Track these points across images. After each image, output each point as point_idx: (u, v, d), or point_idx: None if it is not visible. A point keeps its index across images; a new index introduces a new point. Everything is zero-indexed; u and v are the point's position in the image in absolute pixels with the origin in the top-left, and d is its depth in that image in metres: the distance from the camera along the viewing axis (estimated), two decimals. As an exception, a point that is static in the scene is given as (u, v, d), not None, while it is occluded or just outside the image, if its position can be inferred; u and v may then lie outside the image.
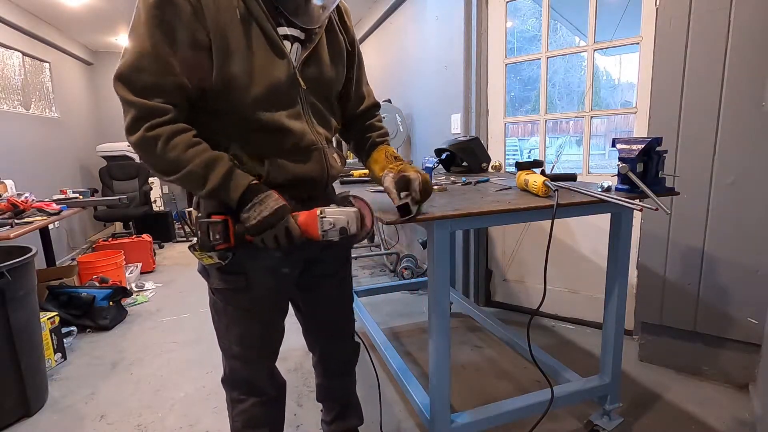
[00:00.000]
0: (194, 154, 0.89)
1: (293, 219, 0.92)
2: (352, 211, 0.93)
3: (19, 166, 3.68)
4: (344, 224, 0.92)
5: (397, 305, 2.87)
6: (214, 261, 0.96)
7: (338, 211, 0.92)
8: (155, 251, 4.49)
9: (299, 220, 0.93)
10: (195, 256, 0.98)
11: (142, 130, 0.85)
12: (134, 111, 0.85)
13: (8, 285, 1.69)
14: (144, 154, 0.88)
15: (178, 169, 0.88)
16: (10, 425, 1.78)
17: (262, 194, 0.91)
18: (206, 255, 0.95)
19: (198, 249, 0.94)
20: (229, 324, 1.07)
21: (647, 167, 1.27)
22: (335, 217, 0.92)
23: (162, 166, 0.89)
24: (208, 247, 0.92)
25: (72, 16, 4.28)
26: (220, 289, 1.04)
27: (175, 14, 0.84)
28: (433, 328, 1.20)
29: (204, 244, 0.92)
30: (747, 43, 1.60)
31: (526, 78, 7.08)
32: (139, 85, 0.85)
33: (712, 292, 1.80)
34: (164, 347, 2.44)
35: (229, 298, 1.04)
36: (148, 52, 0.84)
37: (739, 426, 1.57)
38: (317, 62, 1.01)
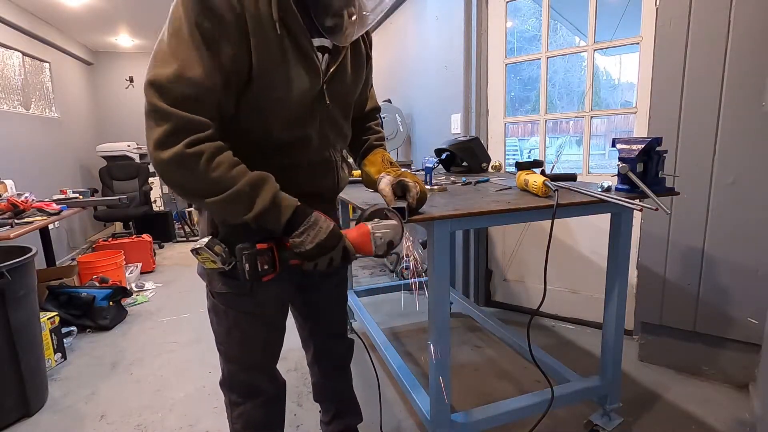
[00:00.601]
0: (239, 174, 0.81)
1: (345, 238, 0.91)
2: (395, 224, 0.94)
3: (19, 166, 3.68)
4: (392, 237, 0.93)
5: (397, 305, 2.87)
6: (217, 266, 0.93)
7: (384, 225, 0.93)
8: (155, 251, 4.49)
9: (350, 238, 0.92)
10: (198, 260, 0.95)
11: (182, 146, 0.76)
12: (170, 123, 0.76)
13: (8, 285, 1.69)
14: (180, 173, 0.79)
15: (222, 190, 0.80)
16: (10, 425, 1.78)
17: (311, 216, 0.87)
18: (210, 259, 0.92)
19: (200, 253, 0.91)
20: (231, 328, 1.05)
21: (647, 167, 1.27)
22: (383, 231, 0.92)
23: (203, 187, 0.80)
24: (256, 278, 0.87)
25: (72, 16, 4.28)
26: (223, 293, 1.01)
27: (219, 24, 0.78)
28: (433, 328, 1.20)
29: (253, 276, 0.87)
30: (747, 43, 1.60)
31: (526, 78, 7.07)
32: (178, 95, 0.76)
33: (712, 292, 1.80)
34: (164, 347, 2.44)
35: (232, 301, 1.02)
36: (191, 61, 0.77)
37: (739, 426, 1.57)
38: (342, 75, 0.99)
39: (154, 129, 0.77)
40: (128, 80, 6.00)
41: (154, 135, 0.77)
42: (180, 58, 0.77)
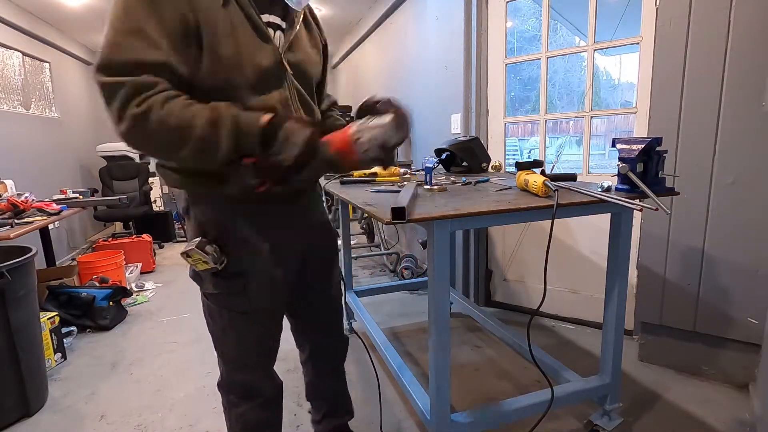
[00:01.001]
0: (195, 113, 0.79)
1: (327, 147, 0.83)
2: (387, 120, 0.81)
3: (19, 166, 3.68)
4: (384, 138, 0.81)
5: (397, 305, 2.87)
6: (209, 266, 0.93)
7: (372, 125, 0.81)
8: (155, 251, 4.49)
9: (333, 148, 0.82)
10: (189, 263, 0.95)
11: (132, 108, 0.75)
12: (120, 94, 0.76)
13: (8, 285, 1.69)
14: (140, 138, 0.78)
15: (184, 137, 0.78)
16: (10, 425, 1.78)
17: (284, 129, 0.81)
18: (201, 260, 0.91)
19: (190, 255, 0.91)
20: (226, 328, 1.05)
21: (647, 167, 1.27)
22: (371, 133, 0.80)
23: (164, 141, 0.79)
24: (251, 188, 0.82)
25: (72, 16, 4.28)
26: (215, 294, 1.01)
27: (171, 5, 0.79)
28: (433, 328, 1.20)
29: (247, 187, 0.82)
30: (747, 43, 1.60)
31: (526, 78, 7.08)
32: (119, 63, 0.76)
33: (712, 292, 1.80)
34: (164, 347, 2.44)
35: (224, 302, 1.02)
36: (130, 28, 0.77)
37: (739, 426, 1.57)
38: (300, 48, 1.01)
39: (110, 109, 0.78)
40: (128, 80, 6.00)
41: (113, 114, 0.77)
42: (119, 27, 0.77)
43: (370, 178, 1.85)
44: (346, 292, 2.46)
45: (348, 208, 2.86)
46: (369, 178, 1.85)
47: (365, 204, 1.26)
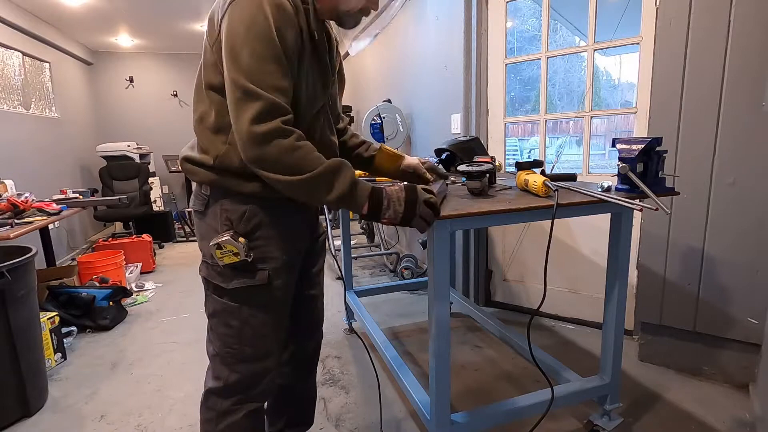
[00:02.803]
0: (320, 158, 0.91)
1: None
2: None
3: (19, 166, 3.68)
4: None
5: (397, 305, 2.87)
6: (239, 258, 0.98)
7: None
8: (155, 251, 4.49)
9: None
10: (217, 255, 0.99)
11: (278, 121, 0.86)
12: (261, 103, 0.86)
13: (8, 285, 1.69)
14: (275, 146, 0.87)
15: (304, 170, 0.88)
16: (10, 425, 1.78)
17: (385, 195, 0.96)
18: (233, 252, 0.97)
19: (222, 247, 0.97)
20: (243, 326, 1.05)
21: (647, 167, 1.27)
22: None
23: (291, 163, 0.88)
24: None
25: (72, 16, 4.28)
26: (238, 289, 1.03)
27: (288, 24, 0.90)
28: (433, 328, 1.20)
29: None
30: (747, 43, 1.60)
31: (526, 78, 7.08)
32: (267, 84, 0.87)
33: (712, 292, 1.80)
34: (164, 347, 2.44)
35: (246, 297, 1.04)
36: (271, 55, 0.88)
37: (739, 426, 1.57)
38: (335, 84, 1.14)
39: (249, 107, 0.86)
40: (128, 80, 6.00)
41: (249, 112, 0.86)
42: (263, 53, 0.87)
43: (370, 178, 1.85)
44: (346, 292, 2.46)
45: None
46: (369, 178, 1.85)
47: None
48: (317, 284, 1.32)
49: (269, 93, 0.87)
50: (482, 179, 1.31)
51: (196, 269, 3.99)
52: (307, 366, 1.38)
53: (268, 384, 1.13)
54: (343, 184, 0.92)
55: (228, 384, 1.10)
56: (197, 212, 1.08)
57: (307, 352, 1.36)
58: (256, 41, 0.87)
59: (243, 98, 0.87)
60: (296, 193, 0.92)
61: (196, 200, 1.07)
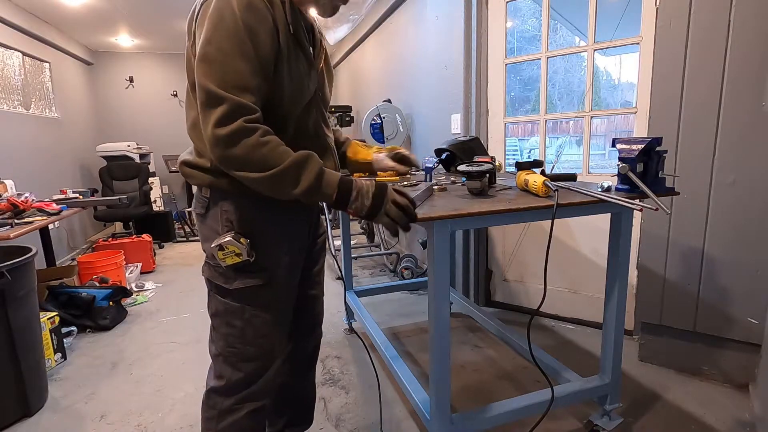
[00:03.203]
0: (285, 153, 0.90)
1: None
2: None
3: (19, 166, 3.68)
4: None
5: (397, 305, 2.87)
6: (241, 259, 0.99)
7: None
8: (155, 251, 4.49)
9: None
10: (219, 257, 0.99)
11: (240, 121, 0.86)
12: (226, 106, 0.86)
13: (8, 285, 1.69)
14: (239, 146, 0.87)
15: (272, 166, 0.89)
16: (10, 425, 1.78)
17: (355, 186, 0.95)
18: (235, 252, 0.98)
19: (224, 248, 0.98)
20: (245, 326, 1.06)
21: (647, 167, 1.27)
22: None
23: (253, 161, 0.88)
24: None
25: (72, 16, 4.28)
26: (240, 290, 1.03)
27: (259, 21, 0.89)
28: (433, 328, 1.20)
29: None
30: (747, 43, 1.60)
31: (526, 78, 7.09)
32: (230, 84, 0.87)
33: (712, 292, 1.80)
34: (164, 347, 2.44)
35: (248, 297, 1.04)
36: (238, 53, 0.87)
37: (739, 426, 1.57)
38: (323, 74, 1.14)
39: (212, 112, 0.86)
40: (128, 80, 6.00)
41: (214, 116, 0.86)
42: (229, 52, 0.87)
43: (369, 178, 1.85)
44: (346, 292, 2.46)
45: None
46: (369, 178, 1.85)
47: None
48: (317, 284, 1.33)
49: (233, 94, 0.87)
50: (482, 179, 1.31)
51: (196, 269, 4.02)
52: (306, 364, 1.39)
53: (269, 383, 1.14)
54: (309, 176, 0.91)
55: (230, 383, 1.10)
56: (198, 215, 1.09)
57: (306, 351, 1.37)
58: (224, 40, 0.87)
59: (207, 102, 0.87)
60: (264, 189, 0.92)
61: (197, 203, 1.08)
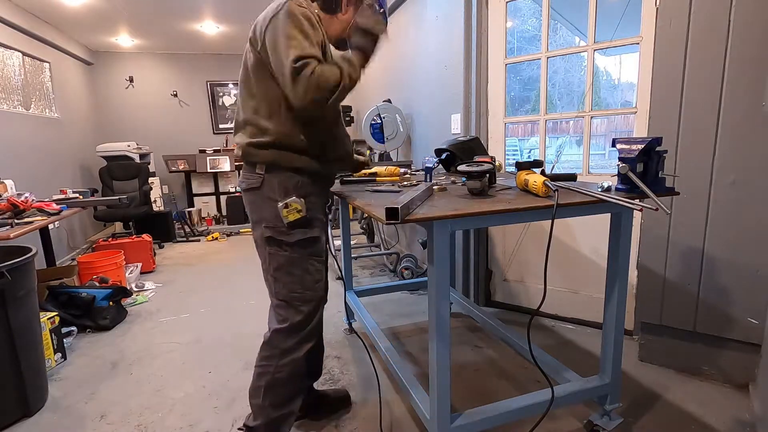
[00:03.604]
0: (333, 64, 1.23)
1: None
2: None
3: (19, 166, 3.68)
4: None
5: (397, 305, 2.87)
6: (300, 215, 1.29)
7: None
8: (155, 251, 4.49)
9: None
10: (283, 214, 1.28)
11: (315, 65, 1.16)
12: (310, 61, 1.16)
13: (8, 285, 1.69)
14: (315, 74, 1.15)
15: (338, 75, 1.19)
16: (10, 425, 1.78)
17: (360, 36, 1.31)
18: (297, 209, 1.28)
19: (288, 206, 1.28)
20: (303, 274, 1.34)
21: (647, 167, 1.27)
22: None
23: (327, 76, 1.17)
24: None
25: (72, 16, 4.28)
26: (299, 241, 1.32)
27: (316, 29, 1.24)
28: (433, 328, 1.20)
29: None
30: (747, 43, 1.60)
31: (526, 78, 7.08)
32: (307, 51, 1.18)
33: (712, 292, 1.80)
34: (164, 347, 2.44)
35: (305, 246, 1.34)
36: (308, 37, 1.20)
37: (739, 426, 1.57)
38: None
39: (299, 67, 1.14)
40: (128, 80, 6.00)
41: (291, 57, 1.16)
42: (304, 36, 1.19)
43: (370, 178, 1.85)
44: (346, 292, 2.46)
45: (348, 207, 2.86)
46: (369, 178, 1.85)
47: (365, 204, 1.27)
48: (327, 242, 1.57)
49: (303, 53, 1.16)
50: (482, 179, 1.31)
51: (196, 269, 4.02)
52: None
53: (320, 323, 1.43)
54: (354, 60, 1.26)
55: (293, 324, 1.34)
56: (252, 189, 1.34)
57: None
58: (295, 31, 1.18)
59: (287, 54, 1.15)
60: (346, 90, 1.23)
61: (250, 179, 1.34)
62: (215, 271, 3.91)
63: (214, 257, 4.43)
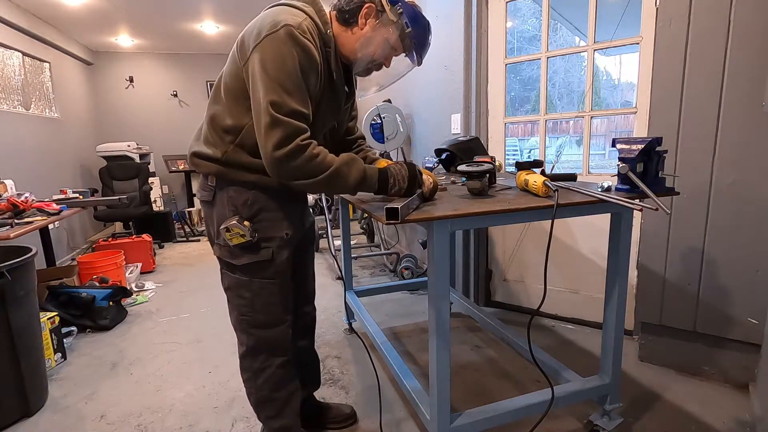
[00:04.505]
0: (333, 159, 1.11)
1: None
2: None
3: (19, 166, 3.68)
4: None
5: (397, 305, 2.87)
6: (245, 239, 1.16)
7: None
8: (155, 251, 4.49)
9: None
10: (226, 237, 1.17)
11: (297, 141, 1.05)
12: (285, 129, 1.04)
13: (8, 285, 1.69)
14: (294, 162, 1.06)
15: (324, 170, 1.09)
16: (10, 425, 1.78)
17: (390, 174, 1.20)
18: (240, 234, 1.15)
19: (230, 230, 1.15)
20: (254, 297, 1.24)
21: (647, 167, 1.27)
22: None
23: (310, 170, 1.08)
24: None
25: (72, 16, 4.28)
26: (248, 265, 1.21)
27: (312, 67, 1.10)
28: (433, 328, 1.20)
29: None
30: (747, 43, 1.60)
31: (526, 78, 7.09)
32: (287, 110, 1.05)
33: (712, 292, 1.80)
34: (164, 347, 2.44)
35: (256, 271, 1.22)
36: (296, 88, 1.06)
37: (739, 426, 1.57)
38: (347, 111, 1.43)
39: (271, 135, 1.04)
40: (128, 80, 6.00)
41: (273, 139, 1.04)
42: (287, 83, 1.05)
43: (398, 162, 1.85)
44: (346, 292, 2.46)
45: (348, 208, 2.86)
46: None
47: (365, 204, 1.27)
48: (309, 260, 1.53)
49: (290, 118, 1.04)
50: (482, 179, 1.31)
51: (196, 269, 4.02)
52: (306, 328, 1.56)
53: (285, 341, 1.33)
54: (355, 174, 1.14)
55: (249, 347, 1.30)
56: (205, 202, 1.24)
57: (305, 319, 1.55)
58: (284, 76, 1.05)
59: (269, 125, 1.03)
60: (322, 190, 1.14)
61: (203, 191, 1.24)
62: (215, 271, 3.89)
63: (214, 257, 4.42)
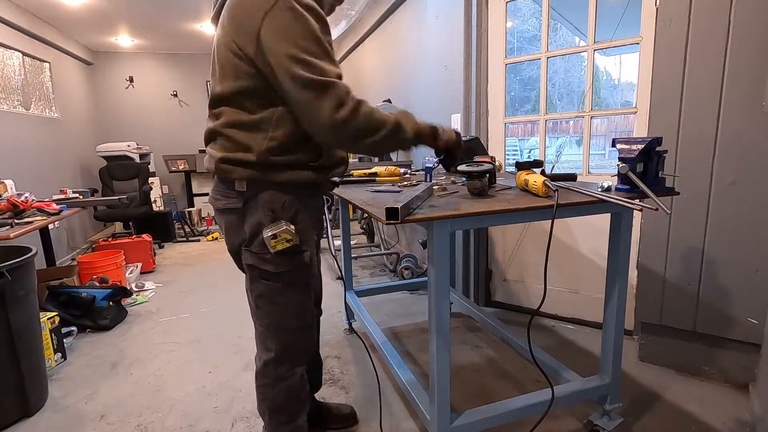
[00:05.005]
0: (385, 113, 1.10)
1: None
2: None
3: (19, 166, 3.68)
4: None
5: (397, 305, 2.87)
6: (291, 244, 1.10)
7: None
8: (155, 251, 4.49)
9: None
10: (271, 245, 1.09)
11: (353, 97, 1.04)
12: (336, 90, 1.01)
13: (8, 285, 1.69)
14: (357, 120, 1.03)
15: (386, 122, 1.09)
16: (10, 425, 1.78)
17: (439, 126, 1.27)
18: (287, 239, 1.09)
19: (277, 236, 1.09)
20: (288, 303, 1.21)
21: (647, 167, 1.27)
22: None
23: (374, 124, 1.07)
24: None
25: (72, 16, 4.28)
26: (285, 272, 1.16)
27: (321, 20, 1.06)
28: (433, 328, 1.20)
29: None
30: (747, 43, 1.60)
31: (526, 78, 7.09)
32: (330, 73, 1.03)
33: (712, 292, 1.80)
34: (164, 347, 2.44)
35: (292, 276, 1.18)
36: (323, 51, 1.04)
37: (739, 426, 1.57)
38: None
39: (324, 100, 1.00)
40: (128, 80, 6.00)
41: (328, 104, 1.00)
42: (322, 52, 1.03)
43: (370, 178, 1.85)
44: (346, 292, 2.46)
45: (348, 208, 2.86)
46: (369, 178, 1.85)
47: (365, 204, 1.27)
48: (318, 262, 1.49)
49: (335, 79, 1.02)
50: (482, 179, 1.31)
51: (196, 269, 4.02)
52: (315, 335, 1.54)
53: (310, 348, 1.32)
54: (413, 120, 1.17)
55: (278, 353, 1.25)
56: (230, 209, 1.16)
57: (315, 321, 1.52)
58: (308, 43, 1.01)
59: (316, 94, 1.00)
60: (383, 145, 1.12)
61: (227, 198, 1.16)
62: (215, 271, 3.91)
63: (214, 257, 4.43)
